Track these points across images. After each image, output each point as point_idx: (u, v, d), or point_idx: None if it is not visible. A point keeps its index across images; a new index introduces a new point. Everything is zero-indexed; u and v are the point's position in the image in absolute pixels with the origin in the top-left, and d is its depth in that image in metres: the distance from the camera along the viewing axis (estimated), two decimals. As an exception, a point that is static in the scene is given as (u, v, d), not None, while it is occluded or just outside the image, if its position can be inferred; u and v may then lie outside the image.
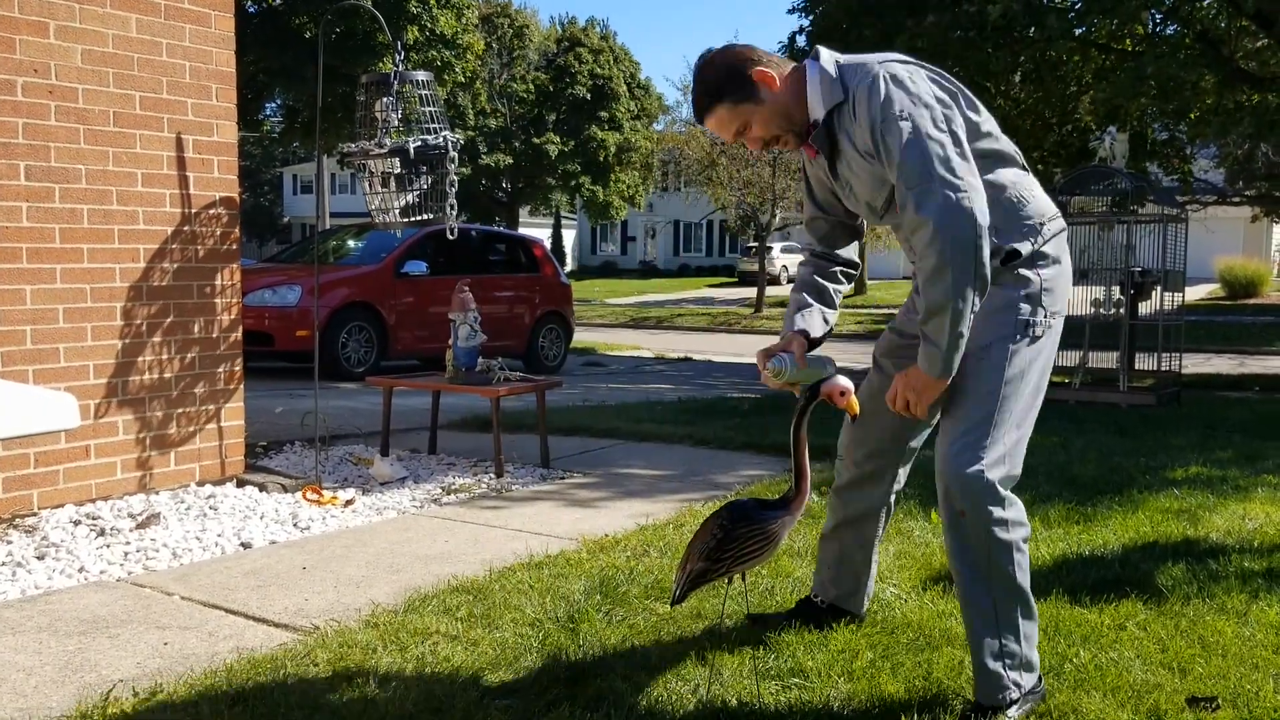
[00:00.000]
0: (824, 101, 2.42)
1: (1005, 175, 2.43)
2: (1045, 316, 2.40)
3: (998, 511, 2.30)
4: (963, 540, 2.34)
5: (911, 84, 2.32)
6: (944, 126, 2.28)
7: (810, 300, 2.69)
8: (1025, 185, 2.46)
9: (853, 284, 2.84)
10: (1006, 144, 2.48)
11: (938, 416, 2.59)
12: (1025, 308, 2.38)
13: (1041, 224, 2.43)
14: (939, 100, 2.32)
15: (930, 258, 2.22)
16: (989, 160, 2.40)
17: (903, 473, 2.87)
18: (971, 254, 2.20)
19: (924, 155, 2.24)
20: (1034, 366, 2.39)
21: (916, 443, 2.82)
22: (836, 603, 2.94)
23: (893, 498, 2.89)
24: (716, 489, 4.85)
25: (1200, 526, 4.14)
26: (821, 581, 2.97)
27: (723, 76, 2.43)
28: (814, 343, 2.63)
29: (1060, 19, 10.74)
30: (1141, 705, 2.39)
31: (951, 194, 2.21)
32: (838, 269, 2.76)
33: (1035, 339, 2.39)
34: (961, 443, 2.33)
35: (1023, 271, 2.39)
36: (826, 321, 2.69)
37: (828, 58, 2.44)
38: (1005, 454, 2.33)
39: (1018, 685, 2.35)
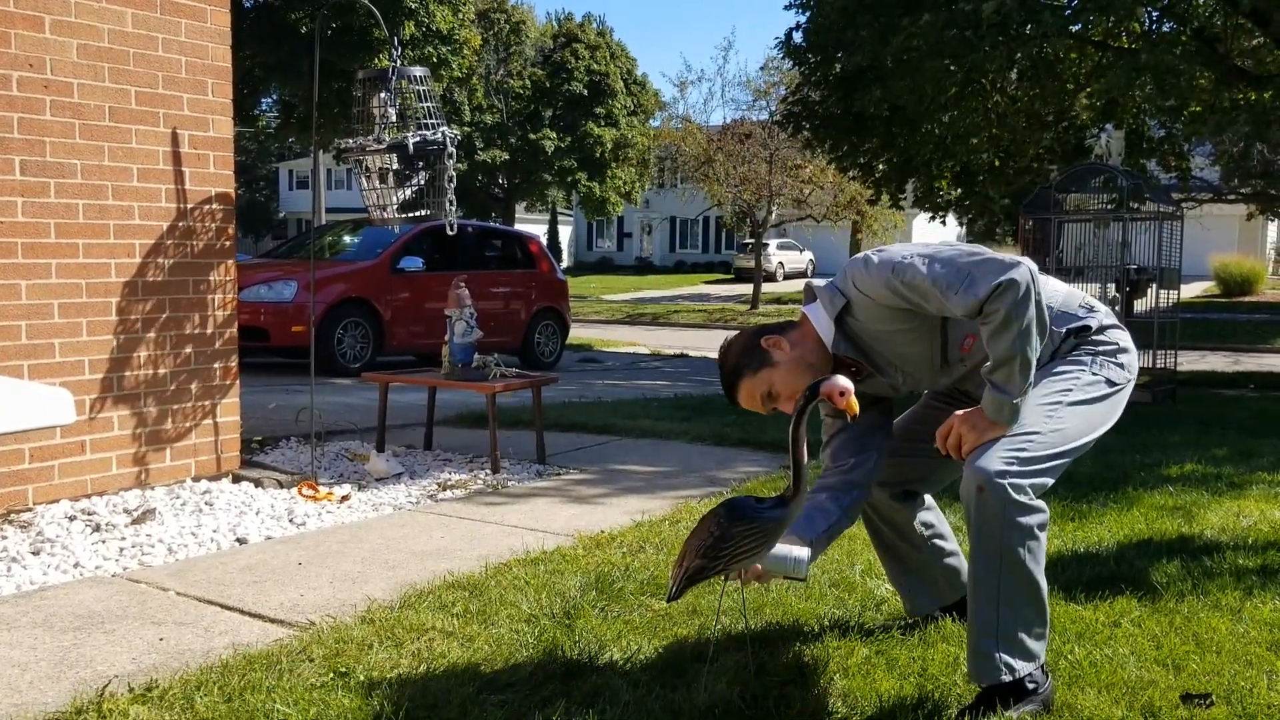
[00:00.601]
0: (830, 313, 2.53)
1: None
2: (1121, 370, 2.48)
3: (1016, 494, 2.31)
4: (978, 517, 2.34)
5: (896, 245, 2.48)
6: (936, 262, 2.37)
7: (829, 507, 2.67)
8: (1052, 286, 2.55)
9: None
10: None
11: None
12: (1102, 357, 2.48)
13: (1086, 305, 2.54)
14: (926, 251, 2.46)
15: (998, 313, 2.27)
16: None
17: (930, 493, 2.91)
18: (1031, 300, 2.27)
19: (948, 262, 2.34)
20: (1099, 404, 2.44)
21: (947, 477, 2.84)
22: (917, 611, 2.92)
23: (919, 501, 2.88)
24: (713, 486, 4.86)
25: (1195, 524, 4.15)
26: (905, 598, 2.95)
27: (737, 353, 2.61)
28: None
29: (1055, 16, 10.74)
30: (1136, 702, 2.40)
31: (993, 263, 2.30)
32: (852, 483, 2.73)
33: (1110, 383, 2.46)
34: (1003, 442, 2.35)
35: (1097, 335, 2.49)
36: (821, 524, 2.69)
37: (820, 286, 2.59)
38: (1040, 462, 2.35)
39: (1010, 669, 2.33)
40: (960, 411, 2.45)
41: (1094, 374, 2.45)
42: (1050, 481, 2.39)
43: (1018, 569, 2.33)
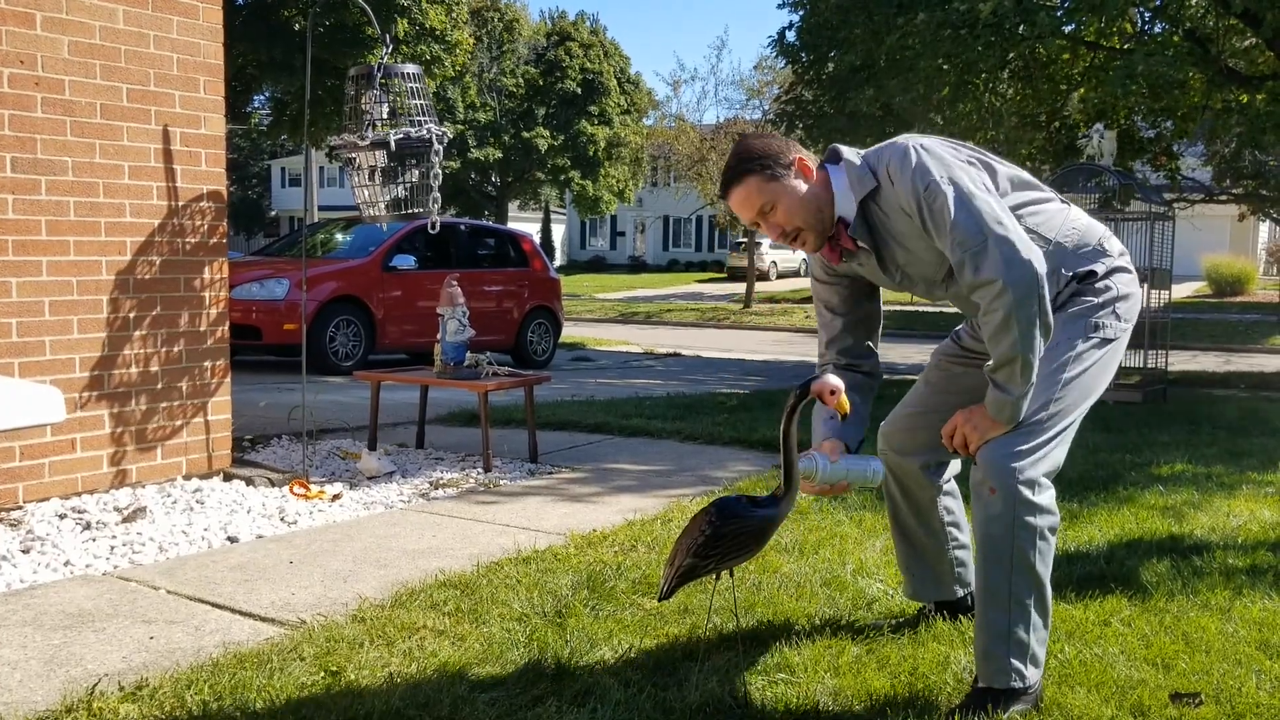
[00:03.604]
0: (856, 192, 2.43)
1: (1050, 219, 2.49)
2: (1117, 321, 2.45)
3: (1026, 493, 2.31)
4: (987, 518, 2.34)
5: (942, 151, 2.37)
6: (982, 185, 2.33)
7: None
8: (1074, 218, 2.52)
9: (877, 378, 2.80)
10: (1037, 184, 2.53)
11: None
12: (1100, 312, 2.43)
13: (1101, 244, 2.49)
14: (969, 162, 2.38)
15: (997, 312, 2.25)
16: (1030, 207, 2.46)
17: (956, 460, 2.83)
18: (1035, 304, 2.25)
19: (974, 215, 2.27)
20: (1095, 368, 2.42)
21: None
22: (919, 597, 2.91)
23: (946, 474, 2.83)
24: (705, 484, 4.86)
25: (1185, 523, 4.16)
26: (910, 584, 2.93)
27: (763, 150, 2.44)
28: (851, 437, 2.63)
29: (1050, 16, 10.76)
30: (1125, 701, 2.41)
31: (1007, 249, 2.25)
32: (861, 375, 2.72)
33: (1105, 341, 2.43)
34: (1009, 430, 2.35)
35: (1099, 284, 2.45)
36: (859, 429, 2.66)
37: (850, 153, 2.46)
38: (1047, 444, 2.35)
39: (1020, 675, 2.33)
40: (962, 411, 2.44)
41: (1088, 338, 2.42)
42: (1061, 458, 2.39)
43: (1029, 572, 2.33)
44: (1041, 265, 2.26)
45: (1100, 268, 2.47)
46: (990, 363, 2.33)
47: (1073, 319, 2.42)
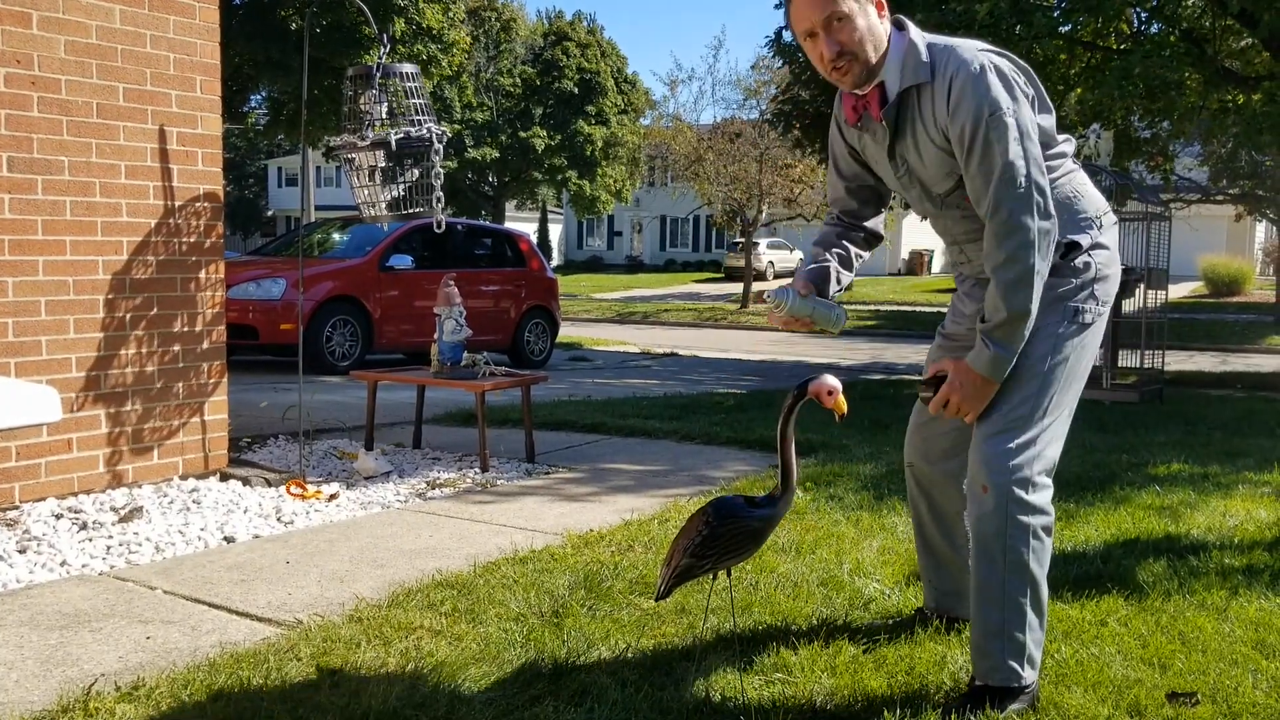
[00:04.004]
0: (904, 76, 2.34)
1: (1065, 175, 2.45)
2: (1096, 305, 2.41)
3: (1019, 492, 2.30)
4: (979, 516, 2.33)
5: (1012, 79, 2.30)
6: (1033, 129, 2.28)
7: (827, 256, 2.64)
8: (1080, 181, 2.48)
9: (871, 253, 2.77)
10: (1064, 139, 2.48)
11: None
12: (1080, 295, 2.39)
13: (1098, 217, 2.45)
14: (1026, 96, 2.32)
15: (1017, 266, 2.23)
16: (1053, 160, 2.42)
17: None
18: (1047, 266, 2.24)
19: (1026, 158, 2.24)
20: (1078, 354, 2.39)
21: None
22: (940, 608, 2.85)
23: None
24: (702, 484, 4.86)
25: (1181, 523, 4.16)
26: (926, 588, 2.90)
27: None
28: (822, 294, 2.60)
29: (1046, 17, 10.77)
30: (1122, 700, 2.41)
31: (1042, 201, 2.23)
32: (862, 234, 2.70)
33: (1084, 326, 2.40)
34: (1000, 424, 2.34)
35: (1079, 261, 2.40)
36: (839, 281, 2.63)
37: (917, 34, 2.36)
38: (1040, 438, 2.34)
39: (1016, 675, 2.33)
40: (950, 380, 2.38)
41: (1069, 326, 2.38)
42: (1057, 454, 2.38)
43: (1022, 571, 2.32)
44: (1057, 229, 2.26)
45: (1085, 240, 2.41)
46: (991, 321, 2.28)
47: (1051, 304, 2.36)
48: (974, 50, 2.31)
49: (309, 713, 2.30)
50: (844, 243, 2.68)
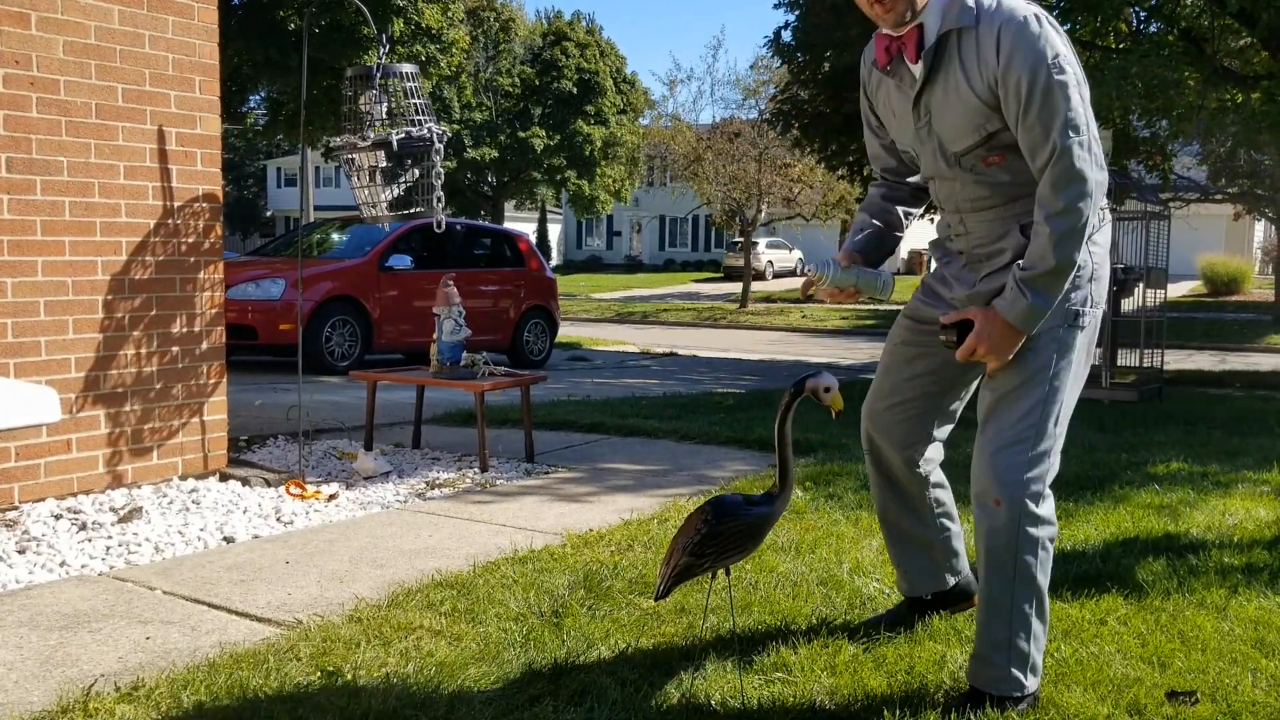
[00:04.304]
0: (946, 19, 2.28)
1: None
2: (1091, 307, 2.38)
3: (1032, 506, 2.29)
4: (991, 530, 2.32)
5: (1059, 29, 2.25)
6: (1084, 79, 2.24)
7: (873, 221, 2.59)
8: None
9: (924, 210, 2.72)
10: None
11: (974, 383, 2.61)
12: (1077, 296, 2.35)
13: (1101, 208, 2.39)
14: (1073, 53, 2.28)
15: (1072, 216, 2.18)
16: None
17: (937, 444, 2.74)
18: (1096, 221, 2.23)
19: (1085, 107, 2.20)
20: (1079, 358, 2.37)
21: (954, 407, 2.71)
22: (914, 591, 2.84)
23: (930, 466, 2.74)
24: (701, 484, 4.86)
25: (1181, 522, 4.17)
26: (899, 576, 2.87)
27: None
28: (871, 262, 2.58)
29: (1044, 16, 10.78)
30: (1122, 699, 2.41)
31: (1099, 154, 2.21)
32: (907, 190, 2.65)
33: (1083, 330, 2.37)
34: (1009, 435, 2.31)
35: (1080, 255, 2.34)
36: (885, 243, 2.60)
37: None
38: (1049, 449, 2.32)
39: (1019, 684, 2.33)
40: (978, 329, 2.30)
41: (1069, 329, 2.34)
42: (1059, 462, 2.36)
43: (1031, 583, 2.33)
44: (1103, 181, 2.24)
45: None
46: (1034, 269, 2.22)
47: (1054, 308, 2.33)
48: (1021, 4, 2.25)
49: (308, 713, 2.30)
50: (889, 204, 2.63)
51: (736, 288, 31.25)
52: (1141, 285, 9.32)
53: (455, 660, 2.62)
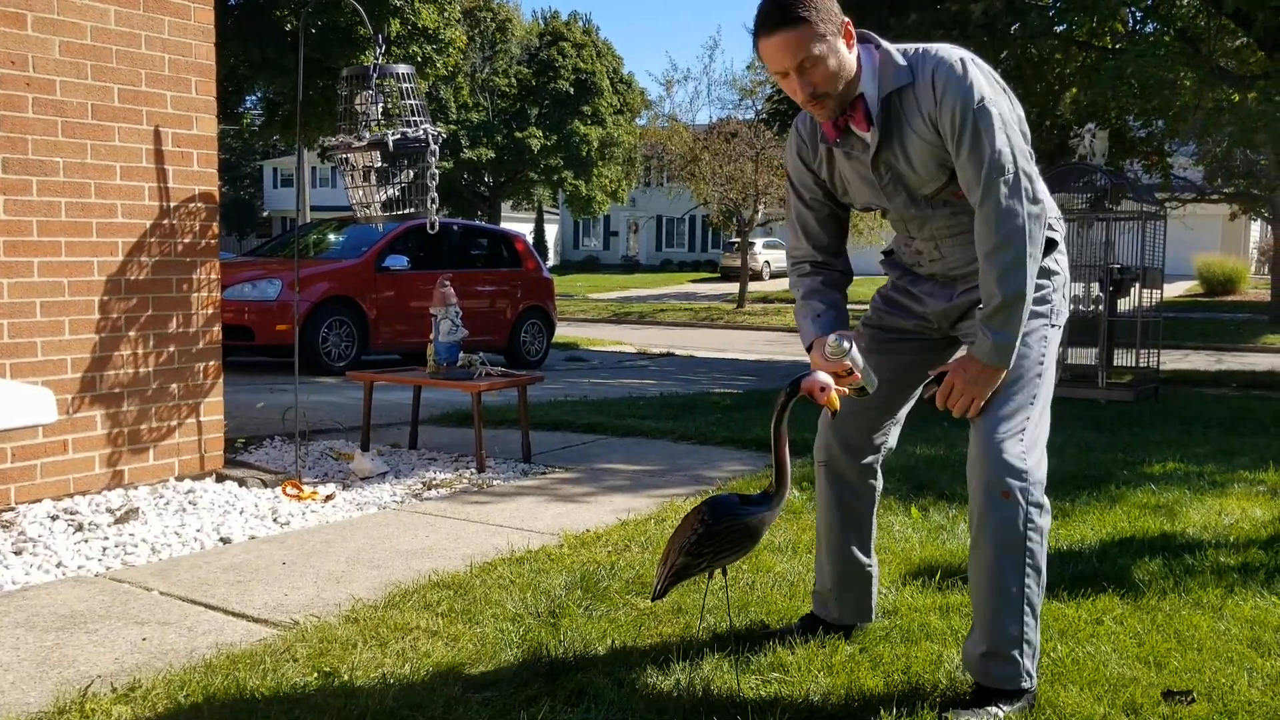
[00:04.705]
0: (883, 83, 2.34)
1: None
2: (1061, 300, 2.47)
3: (1036, 494, 2.33)
4: (1002, 523, 2.33)
5: (990, 73, 2.33)
6: (1014, 120, 2.31)
7: (826, 306, 2.57)
8: (1042, 180, 2.49)
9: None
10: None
11: (914, 396, 2.67)
12: (1053, 296, 2.44)
13: (1058, 218, 2.49)
14: (1005, 91, 2.35)
15: (1010, 250, 2.25)
16: None
17: (883, 454, 2.76)
18: (1040, 247, 2.28)
19: (1011, 144, 2.27)
20: (1054, 351, 2.45)
21: (905, 409, 2.73)
22: (842, 620, 2.80)
23: (879, 482, 2.78)
24: (698, 484, 4.86)
25: (1177, 522, 4.17)
26: (823, 598, 2.82)
27: (820, 3, 2.28)
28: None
29: (1041, 16, 10.79)
30: (1118, 699, 2.41)
31: (1031, 188, 2.27)
32: (839, 273, 2.65)
33: (1057, 326, 2.45)
34: (1007, 427, 2.35)
35: (1047, 263, 2.42)
36: (840, 326, 2.58)
37: (888, 46, 2.38)
38: (1040, 437, 2.38)
39: (1030, 675, 2.36)
40: (952, 371, 2.37)
41: (1050, 323, 2.42)
42: (1044, 453, 2.41)
43: (1039, 572, 2.36)
44: (1048, 208, 2.31)
45: (1057, 237, 2.44)
46: (988, 307, 2.30)
47: (1037, 304, 2.39)
48: (950, 49, 2.35)
49: (305, 713, 2.30)
50: (831, 290, 2.61)
51: (733, 288, 31.25)
52: (1138, 285, 9.32)
53: (452, 661, 2.62)
